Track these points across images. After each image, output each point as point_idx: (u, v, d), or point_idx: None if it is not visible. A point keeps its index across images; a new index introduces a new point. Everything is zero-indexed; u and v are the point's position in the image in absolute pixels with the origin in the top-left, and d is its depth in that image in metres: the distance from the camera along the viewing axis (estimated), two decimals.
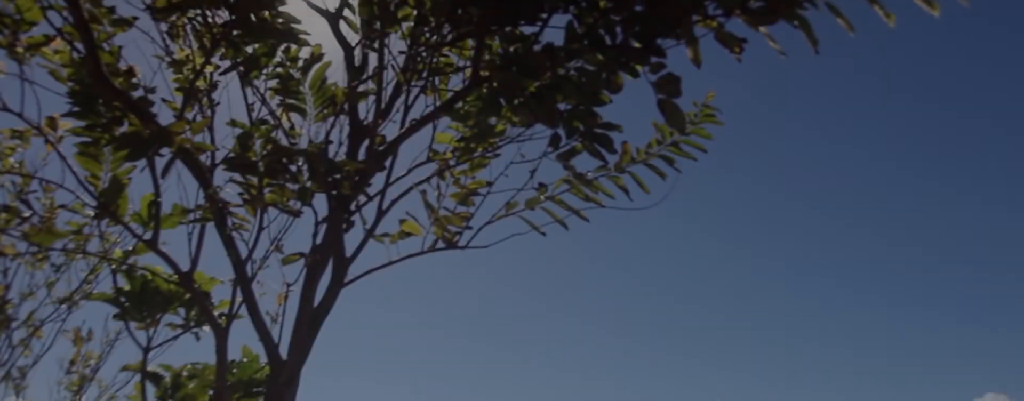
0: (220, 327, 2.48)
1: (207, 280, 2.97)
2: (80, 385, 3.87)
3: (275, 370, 2.15)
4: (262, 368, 2.97)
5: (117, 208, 2.68)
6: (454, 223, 2.54)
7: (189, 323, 3.08)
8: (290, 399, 2.08)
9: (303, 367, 2.19)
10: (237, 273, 2.47)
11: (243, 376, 2.84)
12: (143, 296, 2.90)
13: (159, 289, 2.91)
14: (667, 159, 2.50)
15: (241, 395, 2.79)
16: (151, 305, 2.90)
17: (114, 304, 2.99)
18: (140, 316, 2.92)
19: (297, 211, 2.59)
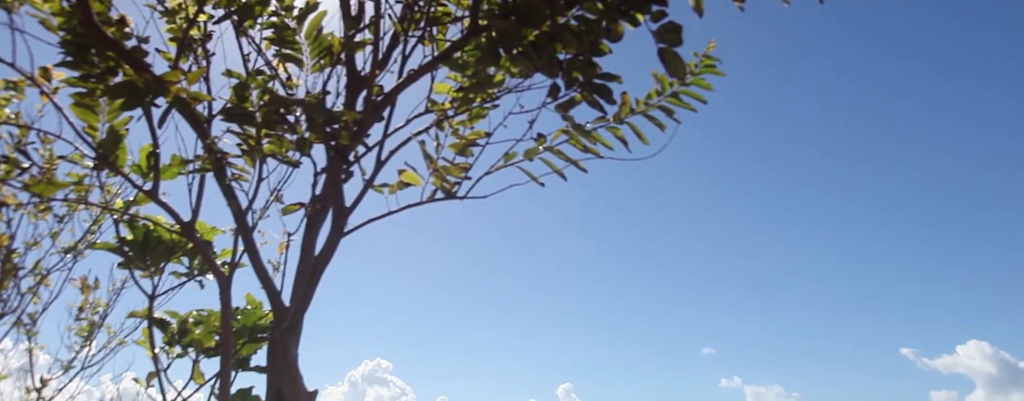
0: (223, 275, 2.49)
1: (209, 230, 2.97)
2: (90, 331, 3.93)
3: (278, 317, 2.17)
4: (266, 315, 3.00)
5: (116, 159, 2.65)
6: (453, 173, 2.53)
7: (193, 272, 3.10)
8: (293, 344, 2.11)
9: (305, 313, 2.22)
10: (238, 223, 2.47)
11: (247, 322, 2.87)
12: (146, 245, 2.90)
13: (161, 239, 2.91)
14: (666, 110, 2.46)
15: (246, 340, 2.84)
16: (154, 254, 2.91)
17: (118, 253, 3.00)
18: (144, 265, 2.93)
19: (296, 161, 2.57)
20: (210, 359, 2.83)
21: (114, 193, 3.37)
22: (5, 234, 3.59)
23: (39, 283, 3.82)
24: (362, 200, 2.51)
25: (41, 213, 3.76)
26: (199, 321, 2.94)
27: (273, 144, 2.52)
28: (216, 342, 2.85)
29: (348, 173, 2.52)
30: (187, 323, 2.92)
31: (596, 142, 2.49)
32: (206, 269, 3.09)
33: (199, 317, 2.97)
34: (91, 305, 3.98)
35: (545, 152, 2.51)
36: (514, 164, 2.54)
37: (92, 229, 3.92)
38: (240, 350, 2.80)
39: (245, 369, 2.76)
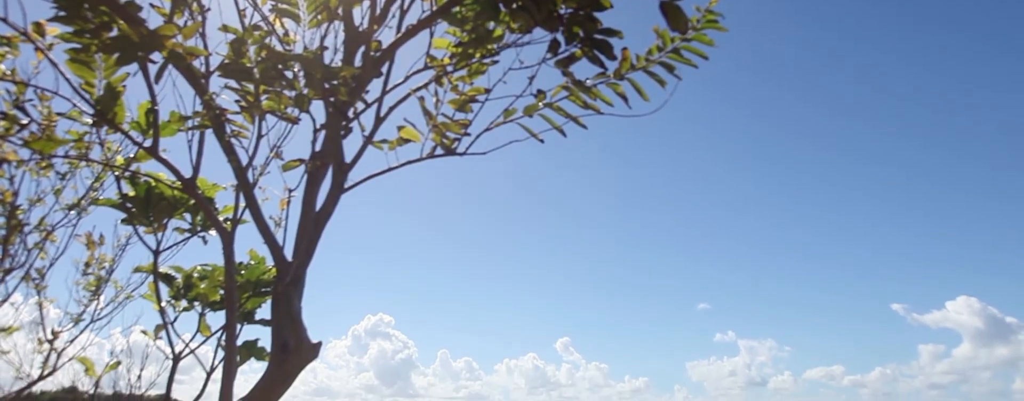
0: (226, 231, 2.49)
1: (210, 186, 2.96)
2: (97, 286, 3.96)
3: (281, 271, 2.18)
4: (269, 270, 3.02)
5: (115, 116, 2.62)
6: (452, 130, 2.50)
7: (196, 227, 3.11)
8: (297, 298, 2.13)
9: (308, 268, 2.23)
10: (239, 179, 2.46)
11: (251, 277, 2.90)
12: (148, 202, 2.90)
13: (163, 195, 2.91)
14: (667, 66, 2.42)
15: (250, 294, 2.86)
16: (157, 210, 2.91)
17: (121, 209, 3.00)
18: (147, 221, 2.94)
19: (295, 118, 2.54)
20: (216, 312, 2.86)
21: (114, 150, 3.35)
22: (9, 190, 3.58)
23: (45, 239, 3.83)
24: (362, 156, 2.49)
25: (43, 170, 3.74)
26: (204, 276, 2.96)
27: (272, 100, 2.48)
28: (221, 296, 2.87)
29: (347, 129, 2.49)
30: (192, 278, 2.94)
31: (596, 98, 2.46)
32: (209, 225, 3.09)
33: (203, 272, 2.98)
34: (97, 261, 4.00)
35: (545, 108, 2.48)
36: (514, 120, 2.51)
37: (94, 186, 3.91)
38: (245, 304, 2.83)
39: (250, 322, 2.79)
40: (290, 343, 2.01)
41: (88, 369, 3.10)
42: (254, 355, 2.50)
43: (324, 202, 2.36)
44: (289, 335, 2.02)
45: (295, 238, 2.29)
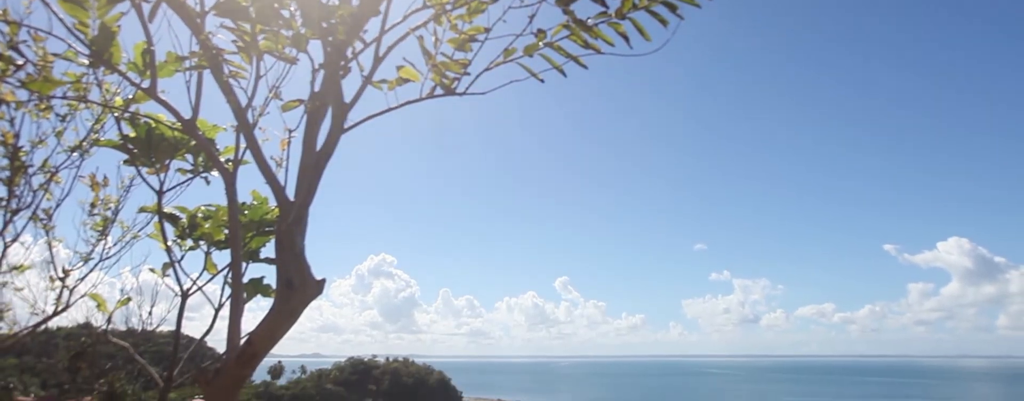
0: (227, 171, 2.48)
1: (210, 127, 2.93)
2: (104, 226, 3.98)
3: (283, 211, 2.18)
4: (272, 210, 3.02)
5: (110, 56, 2.56)
6: (452, 69, 2.45)
7: (198, 168, 3.09)
8: (300, 236, 2.14)
9: (310, 207, 2.23)
10: (238, 120, 2.43)
11: (254, 217, 2.90)
12: (149, 142, 2.87)
13: (164, 136, 2.88)
14: (670, 6, 2.35)
15: (254, 234, 2.87)
16: (158, 151, 2.88)
17: (122, 150, 2.98)
18: (149, 162, 2.92)
19: (293, 58, 2.49)
20: (221, 251, 2.88)
21: (113, 92, 3.30)
22: (10, 132, 3.54)
23: (49, 180, 3.82)
24: (361, 96, 2.45)
25: (43, 112, 3.70)
26: (208, 216, 2.96)
27: (269, 40, 2.43)
28: (225, 235, 2.89)
29: (346, 69, 2.44)
30: (196, 218, 2.95)
31: (597, 38, 2.40)
32: (210, 166, 3.07)
33: (207, 212, 2.99)
34: (103, 201, 4.00)
35: (545, 48, 2.42)
36: (513, 60, 2.46)
37: (95, 128, 3.87)
38: (249, 243, 2.85)
39: (255, 260, 2.82)
40: (295, 280, 2.03)
41: (100, 305, 3.15)
42: (260, 292, 2.53)
43: (324, 142, 2.34)
44: (293, 272, 2.04)
45: (296, 178, 2.28)
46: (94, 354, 4.98)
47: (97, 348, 4.79)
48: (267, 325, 2.04)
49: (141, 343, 3.76)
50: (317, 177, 2.25)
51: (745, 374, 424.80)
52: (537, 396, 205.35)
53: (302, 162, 2.28)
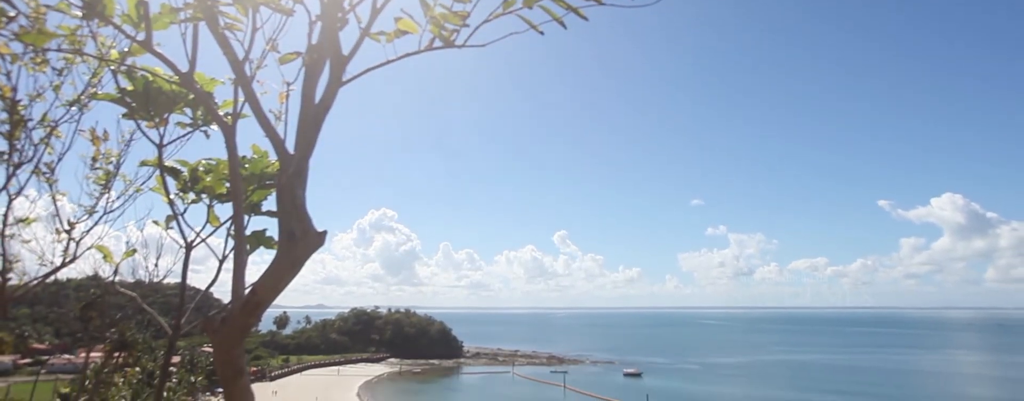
0: (227, 125, 2.46)
1: (207, 81, 2.89)
2: (106, 180, 3.97)
3: (284, 163, 2.17)
4: (272, 163, 3.02)
5: (104, 8, 2.50)
6: (451, 21, 2.40)
7: (197, 122, 3.07)
8: (301, 189, 2.13)
9: (309, 160, 2.22)
10: (236, 73, 2.39)
11: (255, 170, 2.89)
12: (147, 96, 2.84)
13: (162, 89, 2.84)
14: None
15: (255, 187, 2.87)
16: (157, 104, 2.85)
17: (121, 104, 2.94)
18: (148, 115, 2.89)
19: (289, 10, 2.43)
20: (223, 204, 2.88)
21: (108, 45, 3.24)
22: (7, 85, 3.50)
23: (50, 134, 3.79)
24: (359, 49, 2.41)
25: (39, 66, 3.64)
26: (209, 169, 2.95)
27: None
28: (227, 188, 2.89)
29: (343, 21, 2.39)
30: (197, 171, 2.94)
31: None
32: (209, 119, 3.05)
33: (208, 166, 2.98)
34: (104, 156, 3.98)
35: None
36: (513, 11, 2.40)
37: (92, 82, 3.82)
38: (251, 196, 2.85)
39: (257, 213, 2.82)
40: (296, 231, 2.04)
41: (106, 257, 3.18)
42: (263, 244, 2.55)
43: (322, 95, 2.31)
44: (295, 224, 2.04)
45: (296, 131, 2.26)
46: (104, 305, 5.05)
47: (106, 299, 4.85)
48: (270, 275, 2.06)
49: (149, 294, 3.81)
50: (316, 130, 2.23)
51: (739, 325, 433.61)
52: (536, 345, 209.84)
53: (301, 115, 2.26)
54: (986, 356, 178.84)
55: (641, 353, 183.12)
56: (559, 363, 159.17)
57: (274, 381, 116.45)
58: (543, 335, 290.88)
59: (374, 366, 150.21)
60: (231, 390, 2.11)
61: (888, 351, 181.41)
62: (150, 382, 48.73)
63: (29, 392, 66.64)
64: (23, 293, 3.75)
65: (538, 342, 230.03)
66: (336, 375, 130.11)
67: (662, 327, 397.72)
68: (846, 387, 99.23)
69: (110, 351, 31.02)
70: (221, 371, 2.10)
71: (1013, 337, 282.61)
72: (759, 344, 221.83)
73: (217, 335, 2.11)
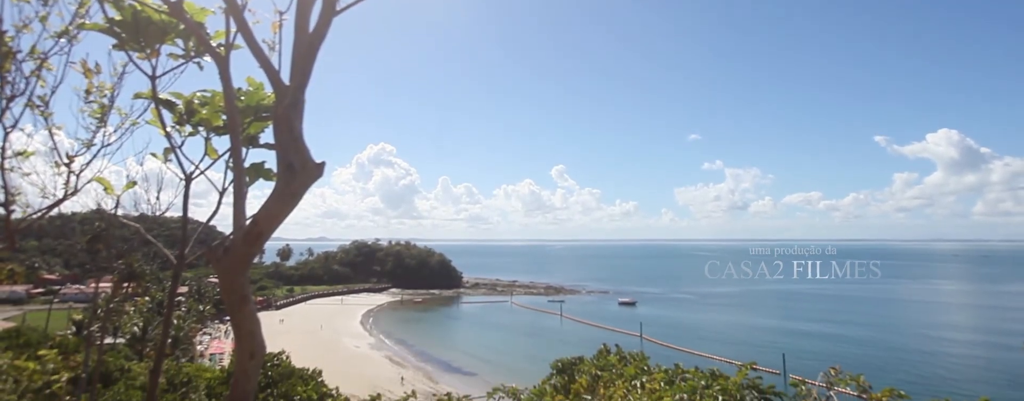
0: (220, 56, 2.40)
1: (198, 10, 2.80)
2: (102, 113, 3.92)
3: (279, 94, 2.14)
4: (268, 96, 2.97)
5: None
6: None
7: (189, 53, 2.99)
8: (297, 120, 2.11)
9: (305, 90, 2.18)
10: (226, 1, 2.31)
11: (251, 102, 2.85)
12: (136, 26, 2.75)
13: (151, 19, 2.76)
14: None
15: (252, 119, 2.84)
16: (147, 35, 2.77)
17: (110, 34, 2.86)
18: (139, 46, 2.82)
19: None
20: (220, 137, 2.86)
21: None
22: None
23: (40, 66, 3.71)
24: None
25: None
26: (204, 102, 2.91)
27: None
28: (223, 121, 2.85)
29: None
30: (193, 104, 2.90)
31: None
32: (202, 50, 2.97)
33: (203, 98, 2.93)
34: (98, 88, 3.91)
35: None
36: None
37: (80, 12, 3.70)
38: (248, 128, 2.82)
39: (255, 146, 2.80)
40: (295, 163, 2.04)
41: (107, 189, 3.18)
42: (262, 176, 2.54)
43: (316, 25, 2.25)
44: (293, 156, 2.04)
45: (290, 61, 2.21)
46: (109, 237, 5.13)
47: (111, 232, 4.92)
48: (270, 207, 2.08)
49: (153, 228, 3.85)
50: (311, 60, 2.18)
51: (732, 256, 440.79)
52: (533, 276, 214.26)
53: (295, 45, 2.20)
54: (967, 285, 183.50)
55: (636, 283, 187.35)
56: (556, 293, 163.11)
57: (280, 310, 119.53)
58: (540, 266, 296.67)
59: (376, 296, 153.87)
60: (237, 316, 2.17)
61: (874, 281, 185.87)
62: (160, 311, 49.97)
63: (44, 319, 68.48)
64: (29, 225, 3.78)
65: (536, 273, 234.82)
66: (339, 304, 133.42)
67: (657, 259, 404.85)
68: (832, 315, 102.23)
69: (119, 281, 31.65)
70: (226, 298, 2.15)
71: (994, 267, 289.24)
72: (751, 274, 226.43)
73: (220, 264, 2.14)
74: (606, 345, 13.24)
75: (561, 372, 11.79)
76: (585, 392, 8.19)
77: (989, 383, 55.00)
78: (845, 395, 6.81)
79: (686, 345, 79.89)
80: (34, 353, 12.89)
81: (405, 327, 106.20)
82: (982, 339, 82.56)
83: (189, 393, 19.80)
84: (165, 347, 3.78)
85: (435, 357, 79.79)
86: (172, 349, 56.13)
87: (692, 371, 7.80)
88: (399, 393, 11.87)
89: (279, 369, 19.46)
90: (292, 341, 58.71)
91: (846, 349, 74.00)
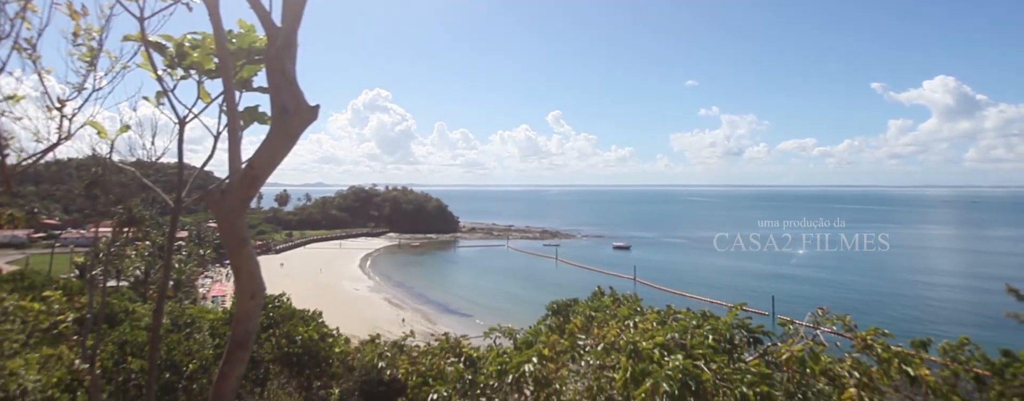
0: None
1: None
2: (91, 57, 3.83)
3: (271, 36, 2.09)
4: (260, 38, 2.89)
5: None
6: None
7: None
8: (290, 62, 2.07)
9: (297, 32, 2.13)
10: None
11: (243, 45, 2.78)
12: None
13: None
14: None
15: (244, 62, 2.78)
16: None
17: None
18: None
19: None
20: (213, 81, 2.81)
21: None
22: None
23: (24, 8, 3.59)
24: None
25: None
26: (195, 45, 2.84)
27: None
28: (215, 64, 2.79)
29: None
30: (184, 46, 2.83)
31: None
32: None
33: (194, 41, 2.86)
34: (86, 31, 3.81)
35: None
36: None
37: None
38: (240, 71, 2.77)
39: (248, 89, 2.75)
40: (289, 105, 2.01)
41: (100, 132, 3.14)
42: (256, 119, 2.51)
43: None
44: (287, 98, 2.01)
45: (281, 2, 2.15)
46: (107, 182, 5.13)
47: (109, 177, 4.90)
48: (266, 150, 2.06)
49: (150, 173, 3.83)
50: (302, 1, 2.12)
51: (725, 202, 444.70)
52: (529, 221, 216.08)
53: None
54: (953, 231, 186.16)
55: (630, 228, 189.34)
56: (552, 237, 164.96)
57: (279, 254, 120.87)
58: (536, 211, 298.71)
59: (374, 240, 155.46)
60: (236, 258, 2.19)
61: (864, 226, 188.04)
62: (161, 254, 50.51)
63: (47, 263, 69.22)
64: (25, 170, 3.75)
65: (532, 218, 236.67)
66: (338, 249, 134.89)
67: (651, 204, 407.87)
68: (820, 261, 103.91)
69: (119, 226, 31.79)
70: (225, 241, 2.17)
71: (981, 213, 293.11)
72: (743, 220, 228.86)
73: (218, 207, 2.15)
74: (600, 287, 13.50)
75: (556, 313, 12.07)
76: (579, 332, 8.40)
77: (969, 324, 56.61)
78: (831, 335, 7.01)
79: (679, 288, 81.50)
80: (39, 295, 13.09)
81: (403, 270, 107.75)
82: (964, 283, 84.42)
83: (193, 333, 20.28)
84: (166, 289, 3.84)
85: (433, 299, 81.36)
86: (174, 292, 57.13)
87: (684, 312, 7.99)
88: (398, 334, 12.17)
89: (280, 310, 19.87)
90: (292, 284, 59.68)
91: (833, 293, 75.66)
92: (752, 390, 5.55)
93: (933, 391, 6.83)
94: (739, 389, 5.60)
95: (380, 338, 15.86)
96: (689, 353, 6.24)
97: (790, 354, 6.57)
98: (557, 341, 7.97)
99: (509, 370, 7.14)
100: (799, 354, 6.47)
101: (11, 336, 11.31)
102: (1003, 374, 9.92)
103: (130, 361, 15.82)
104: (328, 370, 19.82)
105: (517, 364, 7.08)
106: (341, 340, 21.22)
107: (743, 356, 7.10)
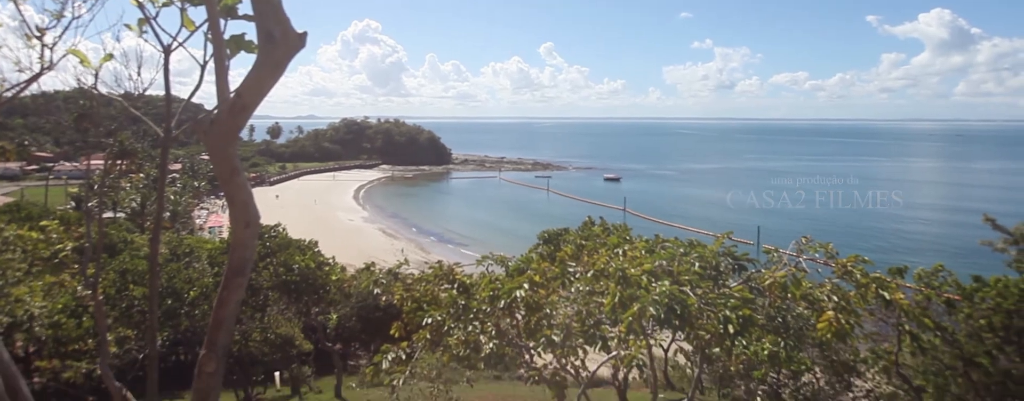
0: None
1: None
2: None
3: None
4: None
5: None
6: None
7: None
8: None
9: None
10: None
11: None
12: None
13: None
14: None
15: None
16: None
17: None
18: None
19: None
20: (196, 8, 2.69)
21: None
22: None
23: None
24: None
25: None
26: None
27: None
28: None
29: None
30: None
31: None
32: None
33: None
34: None
35: None
36: None
37: None
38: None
39: (234, 17, 2.65)
40: (275, 33, 1.94)
41: (83, 61, 3.05)
42: (243, 47, 2.43)
43: None
44: (273, 25, 1.94)
45: None
46: (96, 115, 5.02)
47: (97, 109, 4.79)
48: (253, 79, 2.01)
49: (139, 106, 3.74)
50: None
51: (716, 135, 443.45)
52: (521, 153, 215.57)
53: None
54: (936, 163, 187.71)
55: (621, 160, 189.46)
56: (544, 169, 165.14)
57: (273, 186, 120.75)
58: (529, 144, 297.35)
59: (367, 172, 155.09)
60: (229, 187, 2.18)
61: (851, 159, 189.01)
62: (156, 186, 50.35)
63: (43, 195, 68.95)
64: (11, 101, 3.66)
65: (524, 150, 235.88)
66: (331, 180, 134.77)
67: (643, 137, 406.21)
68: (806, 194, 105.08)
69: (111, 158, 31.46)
70: (218, 170, 2.15)
71: (966, 146, 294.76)
72: (733, 153, 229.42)
73: (208, 137, 2.12)
74: (590, 217, 13.65)
75: (547, 242, 12.26)
76: (570, 260, 8.57)
77: (946, 253, 58.07)
78: (813, 263, 7.18)
79: (668, 219, 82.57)
80: (37, 225, 13.09)
81: (397, 201, 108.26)
82: (943, 217, 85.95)
83: (192, 262, 20.52)
84: (161, 219, 3.84)
85: (426, 229, 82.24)
86: (171, 223, 57.31)
87: (672, 240, 8.14)
88: (393, 262, 12.36)
89: (277, 240, 20.07)
90: (287, 215, 59.95)
91: (815, 225, 76.88)
92: (735, 313, 5.74)
93: (906, 313, 7.09)
94: (722, 312, 5.80)
95: (375, 266, 16.11)
96: (676, 279, 6.40)
97: (773, 280, 6.76)
98: (548, 268, 8.14)
99: (501, 296, 7.33)
100: (781, 280, 6.65)
101: (13, 265, 11.41)
102: (973, 298, 10.29)
103: (132, 288, 16.09)
104: (326, 297, 20.27)
105: (509, 290, 7.26)
106: (337, 269, 21.58)
107: (728, 282, 7.30)
